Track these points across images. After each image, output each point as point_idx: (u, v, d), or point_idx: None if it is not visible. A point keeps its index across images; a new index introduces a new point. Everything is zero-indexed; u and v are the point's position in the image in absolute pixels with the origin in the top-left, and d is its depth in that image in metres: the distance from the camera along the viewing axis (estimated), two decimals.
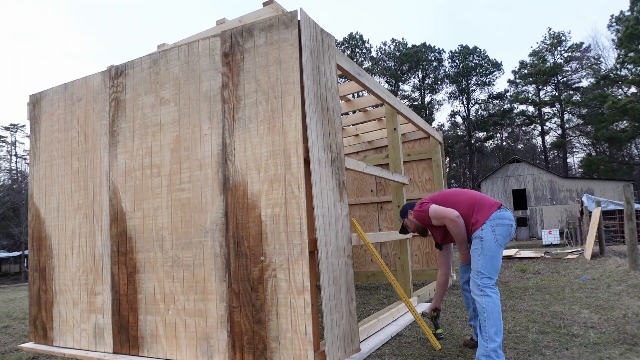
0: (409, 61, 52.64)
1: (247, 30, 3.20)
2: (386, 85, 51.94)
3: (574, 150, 51.84)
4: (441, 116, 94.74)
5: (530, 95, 50.78)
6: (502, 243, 2.98)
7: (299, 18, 3.03)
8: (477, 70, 52.93)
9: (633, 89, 39.28)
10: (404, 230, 3.64)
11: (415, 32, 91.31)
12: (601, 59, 44.75)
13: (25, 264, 34.89)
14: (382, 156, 7.99)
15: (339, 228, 3.19)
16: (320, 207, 2.99)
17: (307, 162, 2.97)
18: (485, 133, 53.12)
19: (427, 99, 55.12)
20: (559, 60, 48.70)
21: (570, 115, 49.39)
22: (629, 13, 37.51)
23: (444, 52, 54.27)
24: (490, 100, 53.49)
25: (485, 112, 53.33)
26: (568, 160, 51.99)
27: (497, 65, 52.43)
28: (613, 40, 40.84)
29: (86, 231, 3.94)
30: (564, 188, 34.98)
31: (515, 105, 51.66)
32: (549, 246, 20.40)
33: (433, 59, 53.94)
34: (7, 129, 45.54)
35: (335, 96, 3.43)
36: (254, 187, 3.06)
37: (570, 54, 48.55)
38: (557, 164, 52.44)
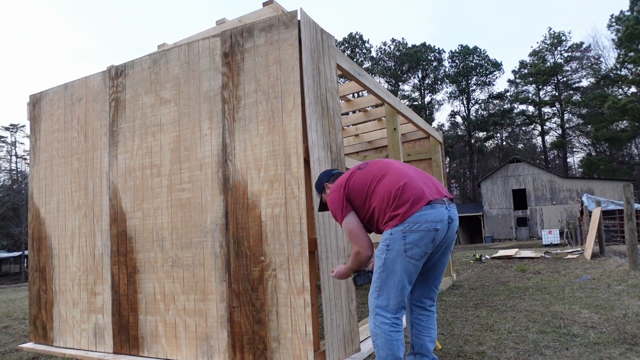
0: (409, 61, 52.67)
1: (247, 30, 3.20)
2: (386, 85, 51.94)
3: (574, 150, 51.88)
4: (441, 116, 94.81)
5: (530, 95, 50.82)
6: (415, 255, 2.20)
7: (299, 18, 3.03)
8: (477, 70, 52.98)
9: (633, 89, 39.31)
10: (323, 207, 2.72)
11: (415, 32, 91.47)
12: (601, 59, 44.80)
13: (25, 264, 34.89)
14: (382, 156, 7.99)
15: (339, 228, 3.19)
16: None
17: (307, 162, 2.96)
18: (485, 133, 53.14)
19: (427, 99, 55.17)
20: (559, 60, 48.74)
21: (570, 115, 49.44)
22: (629, 13, 37.55)
23: (444, 52, 54.38)
24: (490, 100, 53.53)
25: (485, 112, 53.38)
26: (568, 160, 52.03)
27: (497, 65, 52.46)
28: (613, 40, 40.90)
29: (86, 231, 3.94)
30: (564, 188, 34.99)
31: (515, 105, 51.72)
32: (549, 246, 20.41)
33: (433, 58, 53.98)
34: (7, 129, 45.55)
35: (335, 96, 3.43)
36: (254, 187, 3.06)
37: (570, 53, 48.60)
38: (557, 164, 52.45)
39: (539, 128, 51.83)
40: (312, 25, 3.18)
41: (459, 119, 55.49)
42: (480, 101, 54.08)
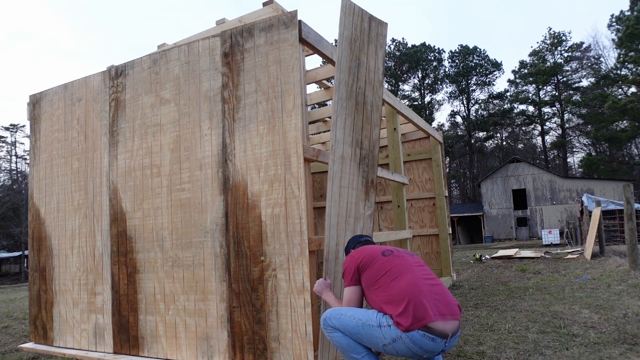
0: (409, 61, 52.63)
1: (247, 30, 3.20)
2: (386, 85, 51.93)
3: (574, 150, 51.87)
4: (441, 116, 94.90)
5: (530, 95, 50.81)
6: (388, 351, 2.24)
7: (298, 17, 3.03)
8: (477, 70, 52.95)
9: (633, 89, 39.29)
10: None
11: (415, 32, 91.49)
12: (601, 59, 44.78)
13: (25, 264, 34.90)
14: (382, 156, 7.99)
15: (358, 228, 3.11)
16: (337, 206, 2.95)
17: (307, 161, 2.97)
18: (485, 133, 53.13)
19: (427, 99, 55.13)
20: (559, 60, 48.72)
21: (570, 115, 49.42)
22: (629, 13, 37.53)
23: (444, 52, 54.31)
24: (490, 100, 53.51)
25: (485, 112, 53.35)
26: (568, 160, 52.02)
27: (497, 65, 52.43)
28: (613, 40, 40.87)
29: (86, 231, 3.94)
30: (564, 188, 34.99)
31: (515, 105, 51.69)
32: (549, 246, 20.42)
33: (433, 58, 53.94)
34: (7, 129, 45.57)
35: (377, 88, 3.29)
36: (254, 187, 3.06)
37: (570, 53, 48.59)
38: (557, 164, 52.44)
39: (539, 128, 51.82)
40: (356, 12, 3.05)
41: (459, 119, 55.50)
42: (480, 101, 54.07)
